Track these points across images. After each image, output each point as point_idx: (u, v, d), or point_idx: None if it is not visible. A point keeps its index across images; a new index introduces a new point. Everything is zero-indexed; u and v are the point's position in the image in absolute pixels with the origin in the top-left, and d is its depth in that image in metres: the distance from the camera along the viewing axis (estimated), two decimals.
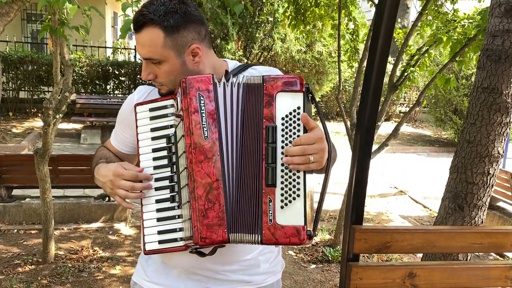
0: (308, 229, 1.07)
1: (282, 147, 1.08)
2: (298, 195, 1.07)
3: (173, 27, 1.15)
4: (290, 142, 1.08)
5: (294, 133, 1.08)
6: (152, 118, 1.22)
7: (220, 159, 1.08)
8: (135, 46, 12.59)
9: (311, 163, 1.07)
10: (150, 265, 1.39)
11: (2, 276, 3.56)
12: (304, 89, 1.09)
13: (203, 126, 1.09)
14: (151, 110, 1.22)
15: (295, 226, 1.05)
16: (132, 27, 1.21)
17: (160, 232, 1.18)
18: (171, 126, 1.19)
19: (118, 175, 1.18)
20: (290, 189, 1.07)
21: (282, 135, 1.08)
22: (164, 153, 1.20)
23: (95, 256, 4.02)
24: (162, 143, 1.20)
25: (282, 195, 1.07)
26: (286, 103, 1.09)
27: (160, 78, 1.21)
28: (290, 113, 1.09)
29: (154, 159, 1.20)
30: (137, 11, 1.19)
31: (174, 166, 1.18)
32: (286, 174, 1.07)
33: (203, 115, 1.10)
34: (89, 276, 3.64)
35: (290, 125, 1.09)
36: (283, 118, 1.09)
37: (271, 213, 1.06)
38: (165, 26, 1.14)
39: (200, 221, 1.06)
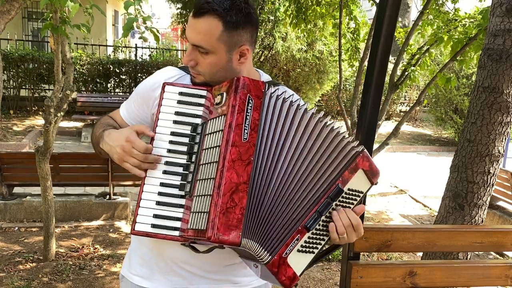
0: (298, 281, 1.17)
1: (333, 209, 1.16)
2: (313, 251, 1.16)
3: (234, 24, 1.16)
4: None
5: (346, 207, 1.18)
6: (180, 102, 1.20)
7: (253, 164, 1.08)
8: (136, 44, 12.54)
9: (339, 238, 1.16)
10: (137, 258, 1.36)
11: (3, 273, 3.57)
12: (375, 184, 1.21)
13: (245, 128, 1.09)
14: (181, 94, 1.21)
15: (295, 273, 1.13)
16: (193, 9, 1.19)
17: (156, 216, 1.14)
18: (197, 116, 1.19)
19: (130, 141, 1.15)
20: (313, 242, 1.15)
21: (340, 201, 1.17)
22: (185, 140, 1.18)
23: (95, 254, 4.02)
24: (185, 129, 1.18)
25: (305, 241, 1.14)
26: (359, 181, 1.19)
27: (201, 68, 1.21)
28: (355, 191, 1.19)
29: (171, 142, 1.18)
30: None
31: (193, 155, 1.16)
32: (320, 229, 1.16)
33: (248, 117, 1.10)
34: (89, 274, 3.65)
35: (349, 199, 1.18)
36: (349, 189, 1.18)
37: (290, 249, 1.12)
38: (227, 20, 1.15)
39: (220, 218, 1.04)
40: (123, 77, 10.73)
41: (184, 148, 1.18)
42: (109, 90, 10.64)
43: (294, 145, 1.15)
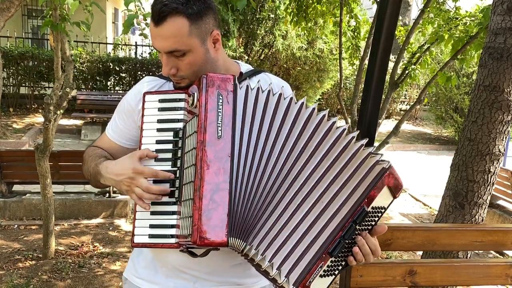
0: None
1: (357, 230, 1.10)
2: (334, 274, 1.11)
3: (197, 14, 1.12)
4: (362, 230, 1.11)
5: (368, 226, 1.12)
6: (160, 110, 1.18)
7: (231, 161, 1.05)
8: (136, 42, 12.51)
9: (359, 262, 1.12)
10: (140, 261, 1.36)
11: (2, 271, 3.57)
12: (397, 197, 1.13)
13: (218, 125, 1.06)
14: (161, 101, 1.19)
15: None
16: (151, 20, 1.14)
17: (152, 226, 1.14)
18: (180, 120, 1.17)
19: (138, 173, 1.11)
20: (334, 266, 1.10)
21: (364, 221, 1.11)
22: (169, 146, 1.16)
23: (95, 252, 4.02)
24: (168, 136, 1.17)
25: (328, 266, 1.09)
26: (382, 198, 1.11)
27: (183, 71, 1.18)
28: (378, 208, 1.11)
29: (157, 151, 1.16)
30: (156, 1, 1.13)
31: (178, 161, 1.15)
32: (342, 252, 1.10)
33: (220, 114, 1.07)
34: (89, 272, 3.65)
35: (372, 217, 1.12)
36: (373, 208, 1.10)
37: (314, 277, 1.07)
38: (189, 13, 1.11)
39: (202, 221, 1.02)
40: (123, 75, 10.71)
41: (170, 155, 1.16)
42: (109, 88, 10.63)
43: (291, 140, 1.09)
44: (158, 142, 1.17)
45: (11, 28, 10.27)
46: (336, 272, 1.11)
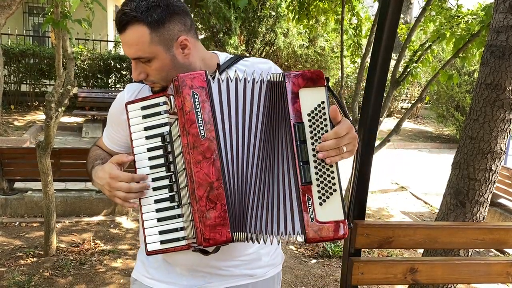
0: (348, 222, 1.08)
1: (312, 143, 1.07)
2: (335, 190, 1.07)
3: (158, 22, 1.12)
4: (319, 137, 1.07)
5: (322, 128, 1.07)
6: (144, 117, 1.19)
7: (219, 158, 1.06)
8: None
9: (344, 153, 1.07)
10: (151, 262, 1.37)
11: (4, 268, 3.58)
12: (325, 83, 1.09)
13: (199, 125, 1.06)
14: (143, 108, 1.19)
15: (337, 221, 1.06)
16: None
17: (161, 232, 1.17)
18: (165, 124, 1.17)
19: (114, 177, 1.16)
20: (326, 185, 1.07)
21: (311, 132, 1.07)
22: (160, 152, 1.17)
23: (96, 249, 4.03)
24: (157, 142, 1.18)
25: (319, 191, 1.07)
26: (310, 98, 1.08)
27: (152, 77, 1.18)
28: (315, 109, 1.08)
29: (150, 158, 1.18)
30: (118, 10, 1.15)
31: (171, 165, 1.16)
32: (320, 170, 1.07)
33: (199, 113, 1.07)
34: (90, 269, 3.65)
35: (317, 120, 1.08)
36: (309, 115, 1.08)
37: (312, 211, 1.05)
38: (149, 21, 1.11)
39: (203, 222, 1.05)
40: (124, 72, 10.71)
41: (162, 161, 1.17)
42: (110, 85, 10.63)
43: (259, 118, 1.10)
44: (149, 149, 1.18)
45: (12, 25, 10.27)
46: (335, 186, 1.07)
